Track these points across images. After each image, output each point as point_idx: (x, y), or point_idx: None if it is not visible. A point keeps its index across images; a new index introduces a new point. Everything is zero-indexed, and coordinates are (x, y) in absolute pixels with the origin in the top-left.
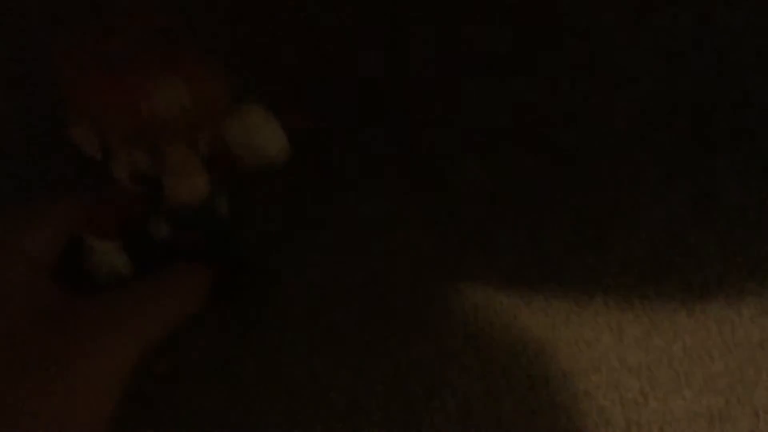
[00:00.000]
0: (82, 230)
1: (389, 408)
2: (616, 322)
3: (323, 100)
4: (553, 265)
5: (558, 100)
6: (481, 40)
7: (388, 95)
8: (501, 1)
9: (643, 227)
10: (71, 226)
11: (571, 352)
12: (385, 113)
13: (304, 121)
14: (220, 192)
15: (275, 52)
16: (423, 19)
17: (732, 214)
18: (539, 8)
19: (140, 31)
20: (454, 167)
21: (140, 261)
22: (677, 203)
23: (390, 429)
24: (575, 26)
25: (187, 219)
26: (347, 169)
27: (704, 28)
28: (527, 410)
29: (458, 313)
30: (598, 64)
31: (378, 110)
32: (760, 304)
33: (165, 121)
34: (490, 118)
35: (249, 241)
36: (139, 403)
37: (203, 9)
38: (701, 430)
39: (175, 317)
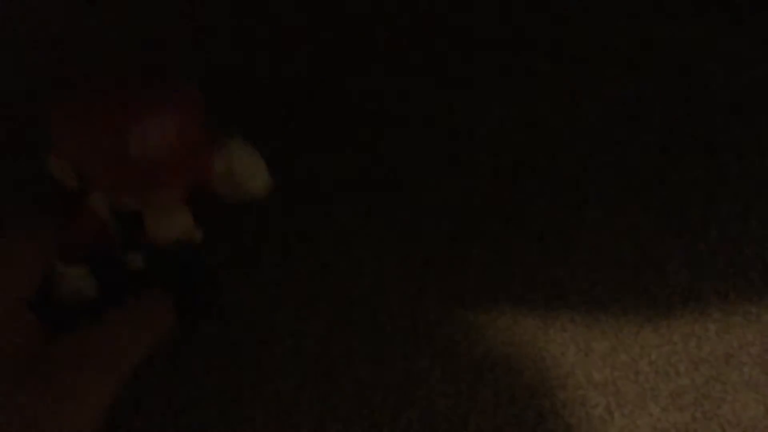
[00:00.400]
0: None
1: (356, 423)
2: (582, 338)
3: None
4: (519, 280)
5: (522, 110)
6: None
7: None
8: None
9: (609, 241)
10: (48, 258)
11: (537, 369)
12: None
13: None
14: (197, 226)
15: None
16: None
17: (697, 228)
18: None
19: (127, 70)
20: (421, 181)
21: (109, 287)
22: (643, 216)
23: None
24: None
25: (166, 253)
26: (314, 186)
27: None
28: (493, 428)
29: (424, 330)
30: (564, 75)
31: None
32: (725, 320)
33: (153, 163)
34: (455, 129)
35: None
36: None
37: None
38: None
39: (148, 348)
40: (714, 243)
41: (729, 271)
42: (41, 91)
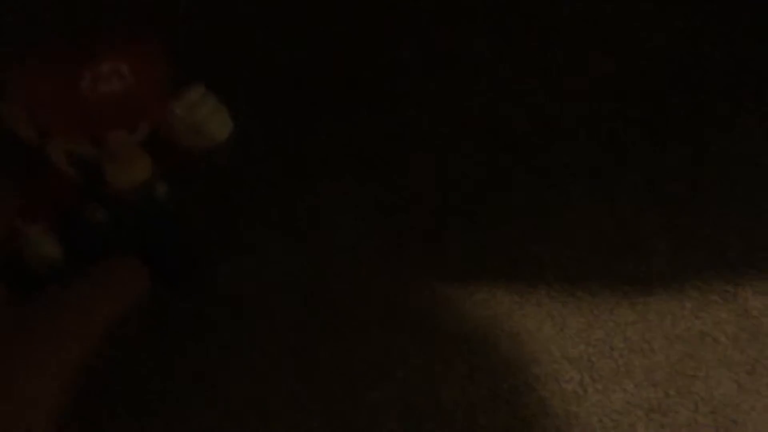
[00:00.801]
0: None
1: (331, 397)
2: (558, 313)
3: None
4: (498, 255)
5: (507, 91)
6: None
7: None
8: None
9: (589, 217)
10: (8, 216)
11: (513, 344)
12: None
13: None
14: (160, 177)
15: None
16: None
17: (678, 206)
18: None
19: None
20: (405, 162)
21: (75, 247)
22: (624, 194)
23: (330, 419)
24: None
25: (126, 204)
26: (297, 161)
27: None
28: (467, 401)
29: (402, 305)
30: (547, 54)
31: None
32: (702, 297)
33: (106, 106)
34: (439, 106)
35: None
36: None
37: None
38: (639, 421)
39: (114, 315)
40: (694, 221)
41: (707, 249)
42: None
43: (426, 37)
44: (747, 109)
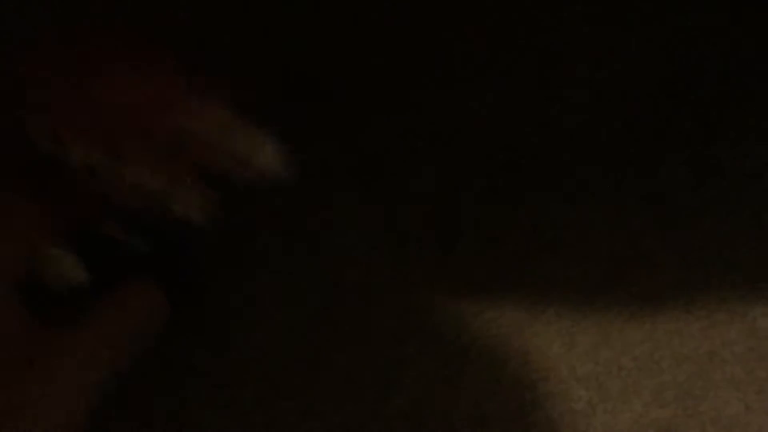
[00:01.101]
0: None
1: (340, 409)
2: (567, 332)
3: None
4: (508, 272)
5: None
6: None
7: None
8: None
9: (599, 234)
10: (33, 240)
11: (522, 362)
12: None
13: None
14: (184, 195)
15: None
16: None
17: (687, 221)
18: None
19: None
20: (412, 171)
21: (95, 268)
22: (633, 209)
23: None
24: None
25: (142, 218)
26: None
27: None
28: (477, 418)
29: (412, 319)
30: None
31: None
32: (709, 317)
33: (122, 113)
34: (436, 121)
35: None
36: None
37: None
38: None
39: (135, 342)
40: (703, 238)
41: (717, 267)
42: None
43: (426, 43)
44: (757, 121)
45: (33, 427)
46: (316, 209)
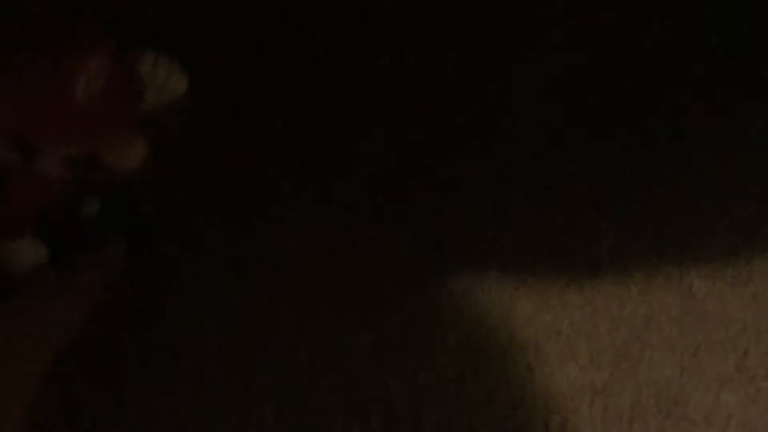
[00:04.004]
0: None
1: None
2: (507, 299)
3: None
4: (450, 243)
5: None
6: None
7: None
8: None
9: (538, 205)
10: None
11: (462, 329)
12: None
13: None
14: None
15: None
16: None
17: (624, 192)
18: None
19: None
20: (351, 146)
21: (57, 239)
22: (573, 182)
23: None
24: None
25: (121, 186)
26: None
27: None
28: (416, 386)
29: (348, 293)
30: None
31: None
32: (647, 282)
33: (101, 103)
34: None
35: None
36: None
37: None
38: (584, 403)
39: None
40: (640, 207)
41: (654, 234)
42: None
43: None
44: (695, 100)
45: None
46: (257, 184)
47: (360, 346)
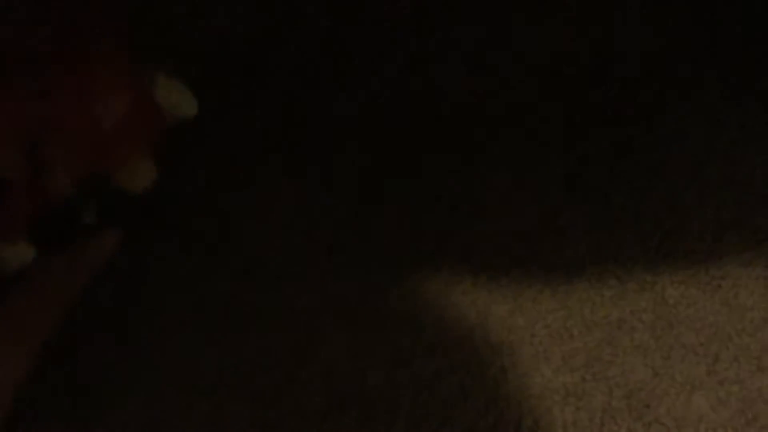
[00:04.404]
0: None
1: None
2: (482, 302)
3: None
4: (426, 245)
5: (437, 84)
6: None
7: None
8: None
9: (514, 209)
10: None
11: (437, 330)
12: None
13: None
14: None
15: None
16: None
17: (599, 196)
18: None
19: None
20: (327, 148)
21: (50, 240)
22: (547, 185)
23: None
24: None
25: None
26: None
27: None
28: (391, 384)
29: (327, 289)
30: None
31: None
32: (620, 286)
33: (125, 123)
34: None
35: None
36: None
37: None
38: (556, 405)
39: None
40: (614, 212)
41: (627, 239)
42: None
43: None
44: (669, 104)
45: None
46: (234, 183)
47: (337, 343)
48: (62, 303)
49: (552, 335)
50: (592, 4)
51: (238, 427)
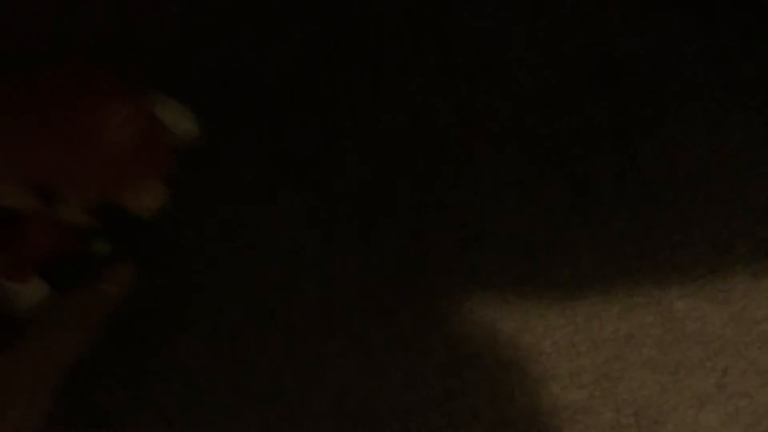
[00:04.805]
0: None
1: (266, 411)
2: (490, 320)
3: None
4: (433, 263)
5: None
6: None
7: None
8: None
9: (520, 224)
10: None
11: (446, 349)
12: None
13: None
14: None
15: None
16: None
17: (606, 212)
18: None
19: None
20: (332, 167)
21: (64, 277)
22: (554, 201)
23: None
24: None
25: (135, 227)
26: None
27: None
28: (401, 405)
29: (336, 318)
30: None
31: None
32: (628, 301)
33: (130, 151)
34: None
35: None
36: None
37: None
38: (564, 423)
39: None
40: (622, 227)
41: (635, 254)
42: None
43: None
44: (673, 114)
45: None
46: (246, 209)
47: (346, 366)
48: (77, 342)
49: (560, 352)
50: (592, 12)
51: None
